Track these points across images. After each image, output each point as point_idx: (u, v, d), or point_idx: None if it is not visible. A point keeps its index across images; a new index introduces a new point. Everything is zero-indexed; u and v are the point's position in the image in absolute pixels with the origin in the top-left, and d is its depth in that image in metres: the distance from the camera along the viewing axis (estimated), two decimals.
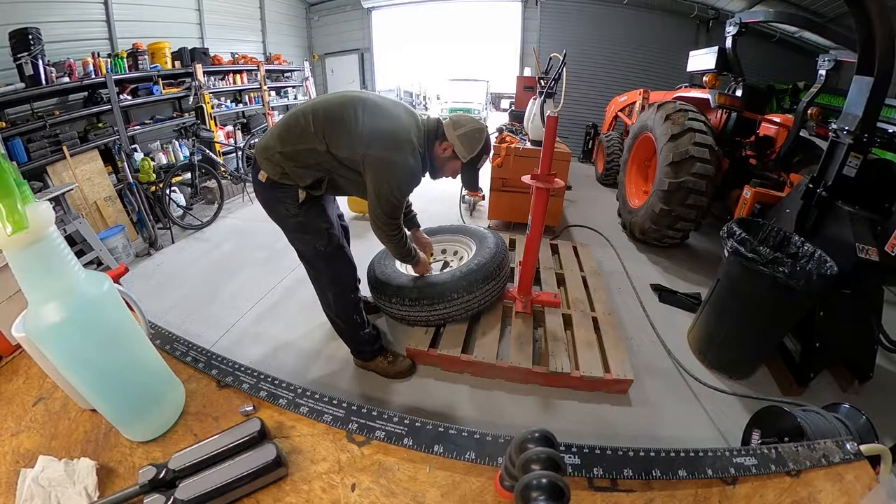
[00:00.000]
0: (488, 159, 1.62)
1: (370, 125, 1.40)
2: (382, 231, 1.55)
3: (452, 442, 0.60)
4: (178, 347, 0.77)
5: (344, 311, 1.74)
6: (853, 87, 1.88)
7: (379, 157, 1.40)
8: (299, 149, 1.39)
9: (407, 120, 1.50)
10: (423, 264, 1.88)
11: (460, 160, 1.56)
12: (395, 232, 1.57)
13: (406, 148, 1.43)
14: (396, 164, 1.42)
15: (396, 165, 1.42)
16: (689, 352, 2.15)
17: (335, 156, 1.40)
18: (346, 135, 1.38)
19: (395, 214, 1.53)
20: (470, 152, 1.54)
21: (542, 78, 3.65)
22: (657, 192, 2.96)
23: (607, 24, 6.74)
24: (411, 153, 1.45)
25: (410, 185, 1.50)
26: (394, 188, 1.44)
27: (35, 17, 3.24)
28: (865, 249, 1.78)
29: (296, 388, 0.68)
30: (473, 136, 1.53)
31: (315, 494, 0.53)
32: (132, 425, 0.59)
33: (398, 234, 1.59)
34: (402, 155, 1.42)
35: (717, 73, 3.31)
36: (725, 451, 0.60)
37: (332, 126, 1.38)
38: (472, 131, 1.54)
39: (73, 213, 2.83)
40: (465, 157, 1.55)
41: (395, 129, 1.44)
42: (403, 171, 1.44)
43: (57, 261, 0.48)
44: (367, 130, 1.39)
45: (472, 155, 1.55)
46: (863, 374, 1.90)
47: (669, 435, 1.67)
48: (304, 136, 1.38)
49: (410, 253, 1.72)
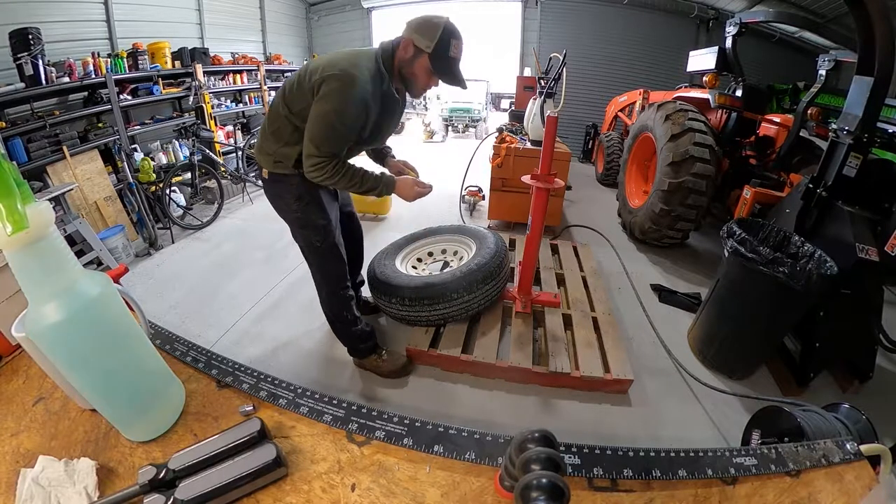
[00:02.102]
0: (463, 47, 1.38)
1: (318, 64, 1.32)
2: (321, 170, 1.32)
3: (452, 442, 0.60)
4: (178, 347, 0.77)
5: (333, 308, 1.74)
6: (853, 87, 1.88)
7: (324, 89, 1.26)
8: (276, 126, 1.41)
9: (359, 50, 1.38)
10: (406, 184, 1.51)
11: (426, 53, 1.33)
12: (334, 165, 1.33)
13: (353, 71, 1.25)
14: (342, 91, 1.24)
15: (342, 91, 1.24)
16: (689, 352, 2.15)
17: (295, 114, 1.36)
18: (298, 88, 1.34)
19: (337, 148, 1.33)
20: (431, 39, 1.32)
21: (542, 78, 3.65)
22: (657, 192, 2.96)
23: (607, 24, 6.74)
24: (362, 76, 1.27)
25: (360, 112, 1.30)
26: (339, 114, 1.26)
27: (35, 17, 3.24)
28: (865, 249, 1.78)
29: (296, 388, 0.68)
30: (429, 22, 1.34)
31: (315, 494, 0.53)
32: (132, 425, 0.59)
33: (340, 167, 1.35)
34: (349, 78, 1.24)
35: (717, 73, 3.31)
36: (725, 451, 0.60)
37: (290, 87, 1.38)
38: (426, 19, 1.35)
39: (73, 213, 2.83)
40: (428, 47, 1.32)
41: (342, 57, 1.31)
42: (350, 96, 1.25)
43: (57, 261, 0.48)
44: (315, 71, 1.30)
45: (434, 42, 1.32)
46: (863, 374, 1.90)
47: (669, 435, 1.67)
48: (277, 111, 1.41)
49: (372, 179, 1.42)
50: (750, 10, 5.65)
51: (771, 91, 3.47)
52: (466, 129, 9.40)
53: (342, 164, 1.36)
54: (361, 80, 1.26)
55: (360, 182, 1.39)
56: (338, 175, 1.34)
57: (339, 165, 1.34)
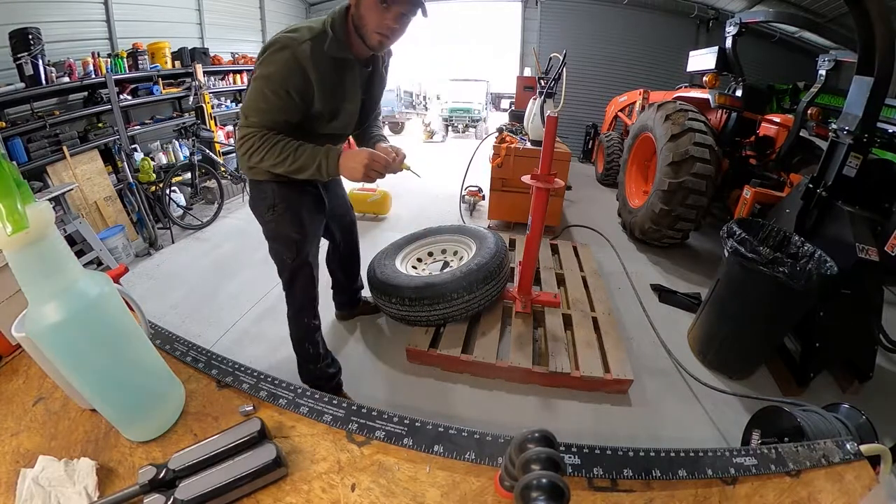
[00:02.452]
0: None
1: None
2: (247, 143, 1.14)
3: (452, 442, 0.60)
4: (178, 347, 0.77)
5: (295, 333, 1.56)
6: (853, 87, 1.88)
7: (258, 60, 1.13)
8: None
9: (302, 21, 1.27)
10: (354, 158, 1.15)
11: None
12: (262, 137, 1.13)
13: (289, 36, 1.09)
14: (271, 56, 1.09)
15: (271, 56, 1.09)
16: (689, 352, 2.15)
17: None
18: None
19: (267, 118, 1.12)
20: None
21: (542, 78, 3.65)
22: (657, 192, 2.96)
23: (607, 24, 6.74)
24: (297, 37, 1.09)
25: (290, 73, 1.09)
26: (266, 79, 1.09)
27: (35, 17, 3.24)
28: (865, 249, 1.78)
29: (296, 388, 0.68)
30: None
31: (315, 494, 0.53)
32: (132, 425, 0.59)
33: (269, 140, 1.13)
34: (280, 44, 1.08)
35: (717, 73, 3.31)
36: (725, 451, 0.60)
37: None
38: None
39: (73, 213, 2.83)
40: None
41: (282, 31, 1.14)
42: (278, 59, 1.08)
43: (57, 261, 0.48)
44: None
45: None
46: (863, 374, 1.90)
47: (669, 435, 1.67)
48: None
49: (306, 154, 1.15)
50: (750, 10, 5.65)
51: (771, 91, 3.47)
52: (466, 129, 9.41)
53: (271, 137, 1.14)
54: (295, 40, 1.08)
55: (291, 157, 1.13)
56: (265, 149, 1.13)
57: (267, 137, 1.13)
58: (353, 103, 1.26)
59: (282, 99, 1.11)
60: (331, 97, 1.19)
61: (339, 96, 1.22)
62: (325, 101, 1.17)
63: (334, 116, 1.24)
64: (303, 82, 1.11)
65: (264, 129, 1.13)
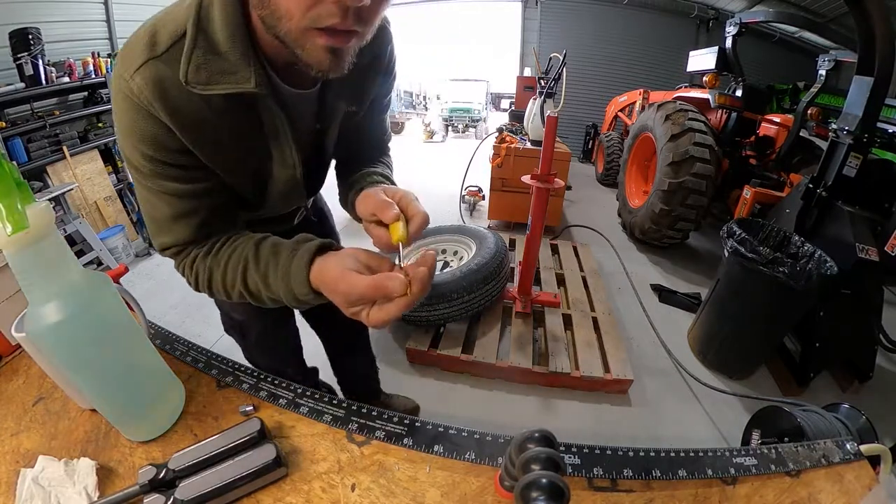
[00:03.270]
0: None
1: None
2: (190, 281, 0.63)
3: (452, 442, 0.60)
4: (178, 347, 0.77)
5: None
6: (853, 87, 1.89)
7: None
8: None
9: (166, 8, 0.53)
10: (341, 281, 0.48)
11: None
12: (181, 266, 0.62)
13: (116, 75, 0.50)
14: (117, 114, 0.52)
15: (117, 115, 0.52)
16: (689, 352, 2.15)
17: None
18: None
19: (158, 228, 0.59)
20: None
21: (542, 78, 3.65)
22: (657, 192, 2.96)
23: (607, 24, 6.74)
24: (129, 65, 0.48)
25: (146, 139, 0.51)
26: (129, 164, 0.55)
27: (35, 17, 3.23)
28: (865, 249, 1.78)
29: (296, 388, 0.68)
30: None
31: (315, 494, 0.53)
32: (132, 425, 0.59)
33: (191, 268, 0.60)
34: (115, 84, 0.50)
35: (717, 73, 3.31)
36: (725, 451, 0.60)
37: None
38: None
39: (73, 213, 2.83)
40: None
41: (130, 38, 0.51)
42: (123, 115, 0.51)
43: (57, 261, 0.48)
44: None
45: None
46: (863, 374, 1.90)
47: (669, 435, 1.67)
48: None
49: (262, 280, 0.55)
50: (750, 10, 5.65)
51: (771, 91, 3.47)
52: (466, 128, 9.42)
53: (202, 260, 0.59)
54: (122, 76, 0.49)
55: (242, 290, 0.58)
56: (197, 282, 0.61)
57: (196, 266, 0.60)
58: (286, 167, 0.63)
59: (169, 191, 0.55)
60: (235, 162, 0.59)
61: (249, 158, 0.61)
62: (227, 169, 0.59)
63: (257, 196, 0.68)
64: (170, 139, 0.52)
65: (165, 248, 0.61)
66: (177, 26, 0.49)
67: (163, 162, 0.53)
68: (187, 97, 0.49)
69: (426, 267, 0.46)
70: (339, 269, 0.48)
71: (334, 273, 0.48)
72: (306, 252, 0.52)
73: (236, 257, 0.57)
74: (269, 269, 0.55)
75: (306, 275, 0.51)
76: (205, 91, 0.49)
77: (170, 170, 0.54)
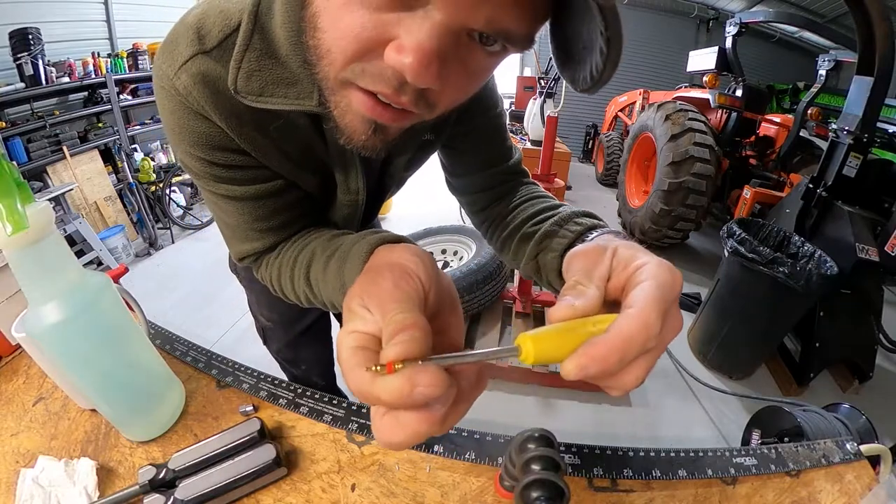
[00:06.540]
0: None
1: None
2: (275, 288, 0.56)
3: (452, 442, 0.60)
4: (178, 347, 0.77)
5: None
6: (853, 87, 1.89)
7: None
8: None
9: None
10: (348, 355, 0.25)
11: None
12: (273, 281, 0.55)
13: (157, 70, 0.42)
14: (161, 111, 0.45)
15: (162, 114, 0.45)
16: (689, 352, 2.15)
17: None
18: None
19: (246, 242, 0.53)
20: None
21: (542, 78, 3.65)
22: (657, 192, 2.96)
23: None
24: (174, 61, 0.40)
25: (198, 139, 0.44)
26: (185, 166, 0.49)
27: (35, 17, 3.23)
28: (865, 249, 1.78)
29: (296, 388, 0.68)
30: None
31: (315, 494, 0.53)
32: (132, 425, 0.59)
33: (266, 271, 0.55)
34: (157, 79, 0.43)
35: (717, 73, 3.31)
36: (725, 451, 0.60)
37: None
38: None
39: (73, 213, 2.83)
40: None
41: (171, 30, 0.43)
42: (168, 114, 0.43)
43: (57, 261, 0.48)
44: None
45: None
46: (863, 374, 1.90)
47: (669, 435, 1.67)
48: None
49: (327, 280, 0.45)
50: (750, 10, 5.65)
51: (771, 91, 3.48)
52: None
53: (286, 266, 0.52)
54: (165, 72, 0.41)
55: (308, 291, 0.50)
56: (272, 285, 0.56)
57: (263, 268, 0.56)
58: (348, 192, 0.55)
59: (237, 195, 0.49)
60: (297, 174, 0.53)
61: (312, 176, 0.54)
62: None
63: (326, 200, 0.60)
64: (227, 139, 0.45)
65: (243, 258, 0.56)
66: (230, 16, 0.40)
67: (225, 165, 0.46)
68: (232, 104, 0.42)
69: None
70: (386, 281, 0.28)
71: (384, 282, 0.28)
72: (376, 240, 0.37)
73: (308, 251, 0.49)
74: (333, 257, 0.44)
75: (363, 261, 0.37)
76: (256, 103, 0.40)
77: (233, 172, 0.47)
